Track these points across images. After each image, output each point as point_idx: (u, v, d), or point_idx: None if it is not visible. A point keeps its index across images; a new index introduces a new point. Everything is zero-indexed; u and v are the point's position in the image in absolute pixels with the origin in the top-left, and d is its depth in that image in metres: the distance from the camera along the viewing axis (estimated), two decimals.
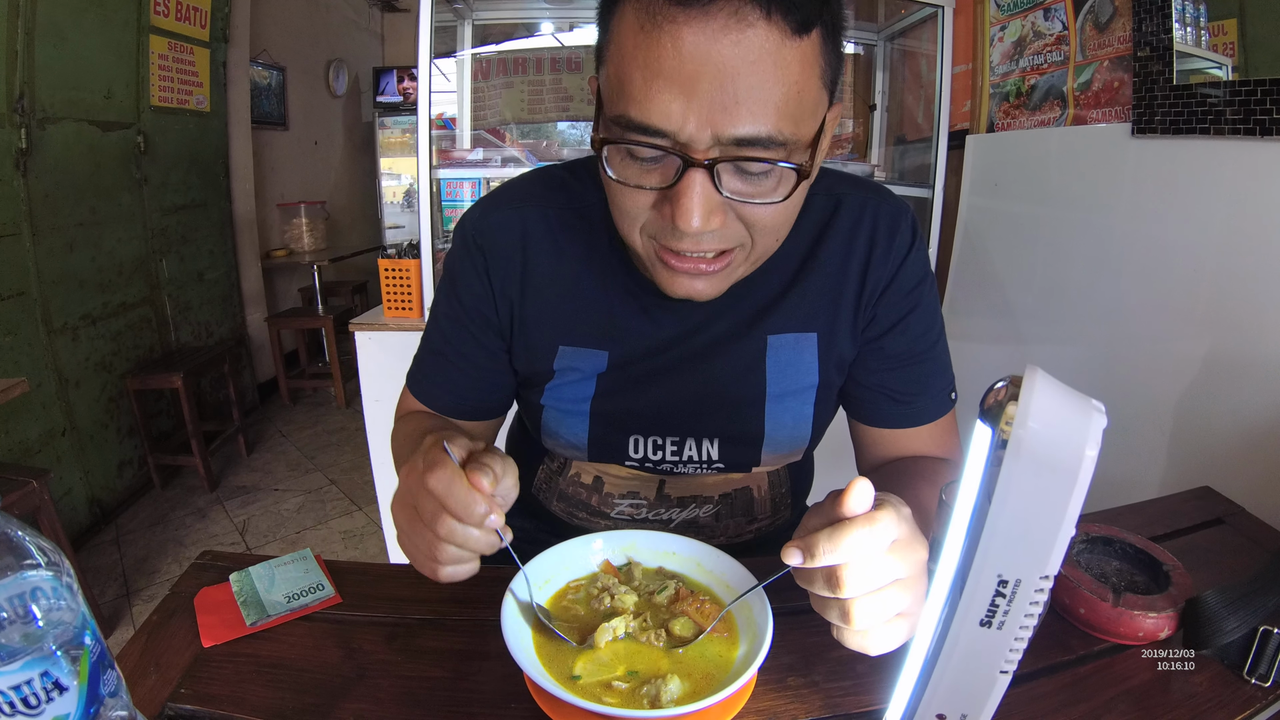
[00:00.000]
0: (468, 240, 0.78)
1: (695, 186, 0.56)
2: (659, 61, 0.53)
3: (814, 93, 0.57)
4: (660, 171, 0.58)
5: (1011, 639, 0.40)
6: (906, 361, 0.79)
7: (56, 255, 2.50)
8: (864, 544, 0.46)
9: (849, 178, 0.79)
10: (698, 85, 0.52)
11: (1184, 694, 0.58)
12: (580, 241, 0.77)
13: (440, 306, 0.83)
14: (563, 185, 0.78)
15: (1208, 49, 1.48)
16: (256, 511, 2.87)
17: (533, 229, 0.77)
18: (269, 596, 0.68)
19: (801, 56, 0.54)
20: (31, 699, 0.37)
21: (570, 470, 0.89)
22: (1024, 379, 0.35)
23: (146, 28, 2.84)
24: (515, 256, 0.77)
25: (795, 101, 0.55)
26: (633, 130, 0.56)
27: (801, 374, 0.78)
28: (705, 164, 0.55)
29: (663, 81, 0.53)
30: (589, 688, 0.53)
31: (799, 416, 0.80)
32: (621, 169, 0.60)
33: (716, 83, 0.52)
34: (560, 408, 0.80)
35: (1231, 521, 0.84)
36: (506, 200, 0.78)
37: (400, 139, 4.90)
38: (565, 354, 0.79)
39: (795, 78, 0.54)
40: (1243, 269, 1.39)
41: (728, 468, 0.83)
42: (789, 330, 0.77)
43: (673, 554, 0.66)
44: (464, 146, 2.40)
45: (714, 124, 0.53)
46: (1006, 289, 2.08)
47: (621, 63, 0.56)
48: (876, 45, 2.55)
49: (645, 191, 0.60)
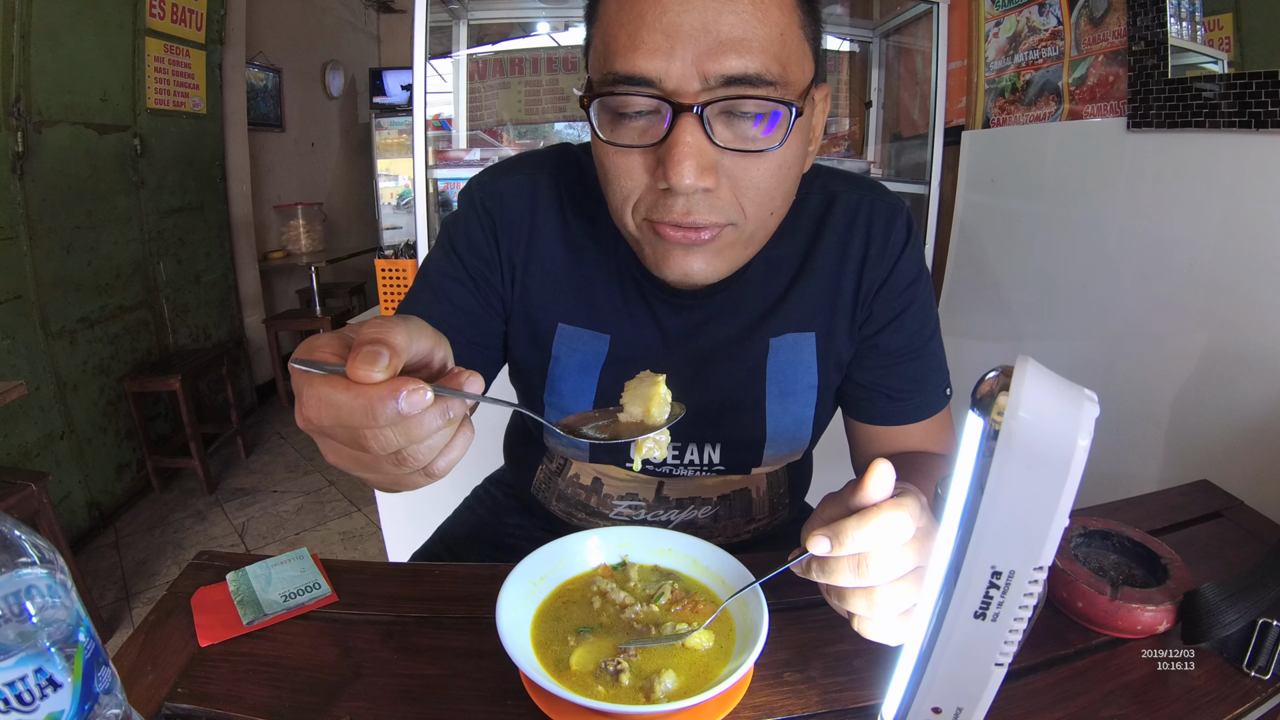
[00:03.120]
0: (475, 203, 0.76)
1: (686, 135, 0.55)
2: (641, 14, 0.54)
3: (794, 39, 0.57)
4: (651, 128, 0.58)
5: (1006, 631, 0.40)
6: (902, 358, 0.79)
7: (54, 258, 2.50)
8: (893, 530, 0.46)
9: (843, 175, 0.79)
10: (680, 30, 0.53)
11: (1183, 687, 0.58)
12: (587, 218, 0.76)
13: (434, 263, 0.77)
14: (577, 162, 0.78)
15: (1203, 43, 1.48)
16: (256, 513, 2.87)
17: (543, 197, 0.76)
18: (265, 596, 0.68)
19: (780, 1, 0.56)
20: (26, 695, 0.37)
21: (570, 471, 0.88)
22: (1015, 369, 0.35)
23: (142, 30, 2.84)
24: (523, 222, 0.76)
25: (779, 42, 0.55)
26: (620, 84, 0.56)
27: (801, 375, 0.78)
28: (695, 110, 0.54)
29: (646, 31, 0.54)
30: (582, 677, 0.53)
31: (799, 418, 0.80)
32: (612, 131, 0.60)
33: (700, 25, 0.53)
34: (562, 406, 0.80)
35: (1229, 515, 0.84)
36: (520, 166, 0.77)
37: (397, 140, 4.90)
38: (565, 334, 0.77)
39: (776, 19, 0.55)
40: (1239, 262, 1.39)
41: (728, 470, 0.82)
42: (788, 331, 0.77)
43: (669, 550, 0.66)
44: (460, 147, 2.39)
45: (700, 65, 0.54)
46: (1003, 285, 2.08)
47: (606, 23, 0.57)
48: (872, 42, 2.55)
49: (637, 157, 0.59)
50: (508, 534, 0.97)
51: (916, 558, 0.47)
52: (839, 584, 0.49)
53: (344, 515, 2.85)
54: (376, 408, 0.36)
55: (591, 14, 0.61)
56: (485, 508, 1.02)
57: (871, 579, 0.47)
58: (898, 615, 0.48)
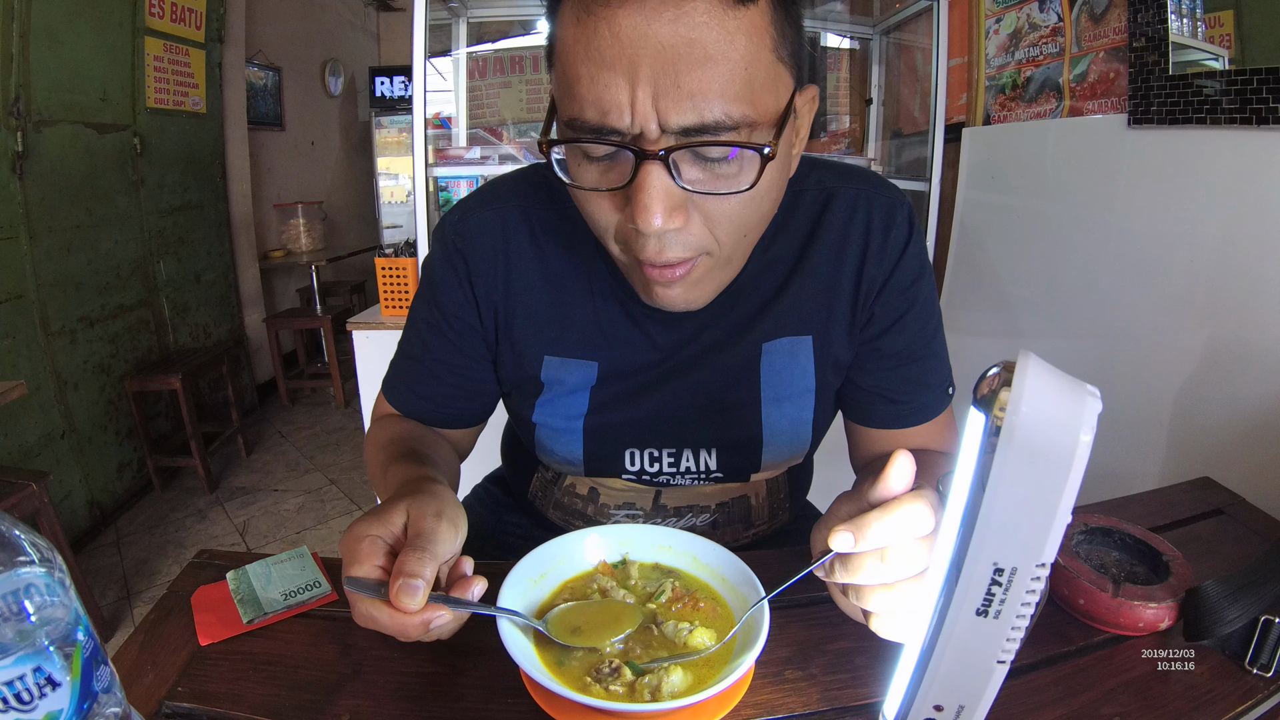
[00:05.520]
0: (448, 246, 0.75)
1: (651, 180, 0.53)
2: (599, 52, 0.51)
3: (765, 66, 0.53)
4: (618, 170, 0.56)
5: (1008, 628, 0.40)
6: (904, 360, 0.77)
7: (54, 258, 2.50)
8: (914, 521, 0.46)
9: (840, 169, 0.76)
10: (639, 72, 0.50)
11: (1185, 685, 0.58)
12: (562, 244, 0.74)
13: (419, 311, 0.80)
14: (545, 185, 0.75)
15: (1204, 39, 1.47)
16: (256, 512, 2.87)
17: (514, 230, 0.74)
18: (266, 594, 0.68)
19: (748, 26, 0.51)
20: (24, 694, 0.37)
21: (565, 480, 0.87)
22: (1017, 364, 0.35)
23: (142, 29, 2.84)
24: (498, 260, 0.74)
25: (743, 79, 0.51)
26: (584, 131, 0.53)
27: (797, 378, 0.76)
28: (659, 155, 0.52)
29: (606, 73, 0.51)
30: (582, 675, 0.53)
31: (797, 421, 0.78)
32: (579, 173, 0.57)
33: (658, 66, 0.50)
34: (553, 425, 0.78)
35: (1231, 512, 0.83)
36: (487, 200, 0.76)
37: (397, 138, 4.89)
38: (552, 364, 0.76)
39: (742, 52, 0.51)
40: (1240, 259, 1.38)
41: (726, 477, 0.81)
42: (783, 334, 0.75)
43: (669, 548, 0.66)
44: (460, 145, 2.39)
45: (660, 112, 0.51)
46: (1004, 281, 2.08)
47: (565, 61, 0.54)
48: (872, 39, 2.55)
49: (606, 197, 0.58)
50: (507, 533, 0.97)
51: (930, 554, 0.47)
52: (862, 580, 0.48)
53: (345, 514, 2.85)
54: (409, 630, 0.49)
55: (551, 48, 0.58)
56: (485, 506, 1.02)
57: (894, 573, 0.46)
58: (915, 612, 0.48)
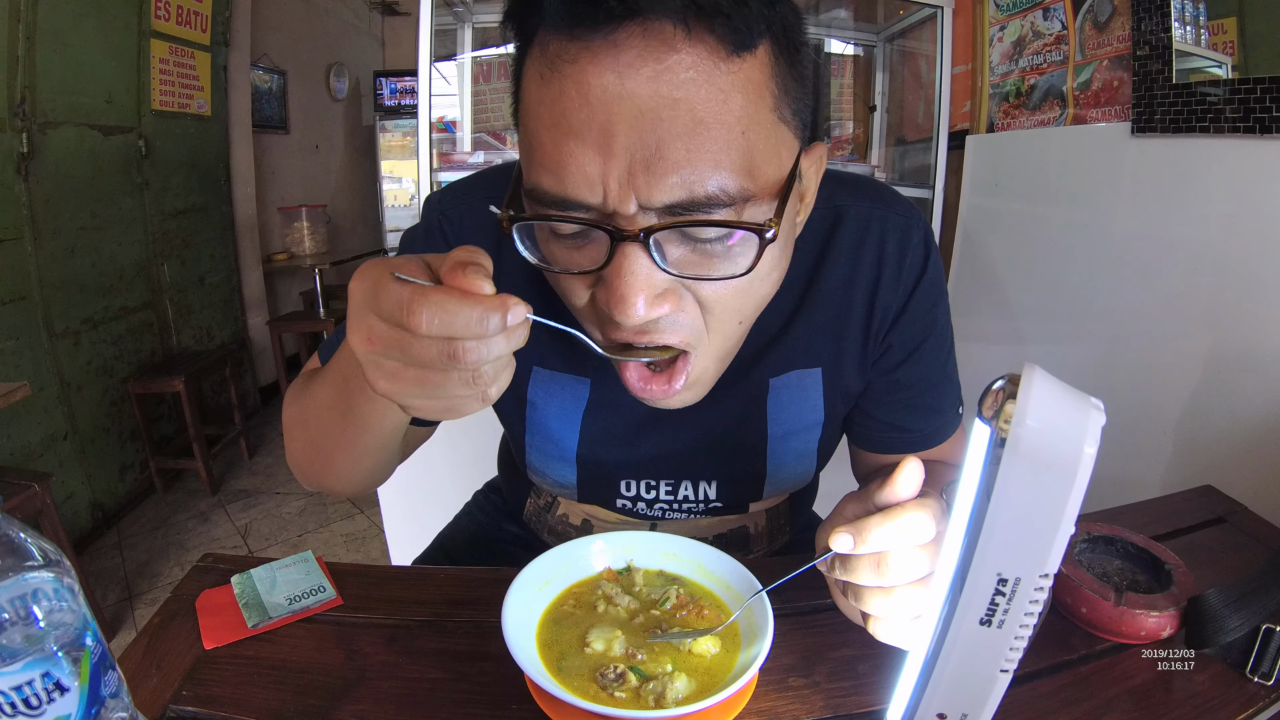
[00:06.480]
0: (433, 228, 0.68)
1: (628, 265, 0.45)
2: (564, 117, 0.43)
3: (766, 128, 0.45)
4: (590, 249, 0.48)
5: (1011, 638, 0.40)
6: (919, 389, 0.73)
7: (58, 260, 2.51)
8: (914, 529, 0.45)
9: (850, 182, 0.70)
10: (613, 141, 0.42)
11: (1186, 693, 0.58)
12: None
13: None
14: None
15: (1207, 47, 1.48)
16: (258, 515, 2.87)
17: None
18: (270, 599, 0.68)
19: (744, 82, 0.43)
20: (33, 699, 0.38)
21: (559, 509, 0.85)
22: (1022, 377, 0.35)
23: (147, 32, 2.85)
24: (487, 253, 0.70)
25: (739, 144, 0.44)
26: (550, 205, 0.46)
27: (806, 412, 0.72)
28: (639, 236, 0.44)
29: (574, 140, 0.43)
30: (587, 681, 0.53)
31: (803, 455, 0.75)
32: (548, 248, 0.50)
33: (634, 132, 0.42)
34: (545, 450, 0.75)
35: (1233, 520, 0.83)
36: (483, 191, 0.69)
37: (401, 142, 4.90)
38: (541, 378, 0.72)
39: (736, 112, 0.43)
40: (1243, 267, 1.39)
41: (726, 507, 0.78)
42: (792, 368, 0.70)
43: (674, 555, 0.66)
44: (465, 150, 2.40)
45: (639, 188, 0.43)
46: (1007, 289, 2.09)
47: (528, 125, 0.47)
48: (876, 46, 2.55)
49: (581, 277, 0.50)
50: (507, 541, 0.96)
51: (932, 561, 0.47)
52: (859, 582, 0.48)
53: (347, 517, 2.85)
54: (490, 317, 0.38)
55: (516, 84, 0.50)
56: (484, 513, 1.02)
57: (891, 578, 0.46)
58: (913, 618, 0.48)
